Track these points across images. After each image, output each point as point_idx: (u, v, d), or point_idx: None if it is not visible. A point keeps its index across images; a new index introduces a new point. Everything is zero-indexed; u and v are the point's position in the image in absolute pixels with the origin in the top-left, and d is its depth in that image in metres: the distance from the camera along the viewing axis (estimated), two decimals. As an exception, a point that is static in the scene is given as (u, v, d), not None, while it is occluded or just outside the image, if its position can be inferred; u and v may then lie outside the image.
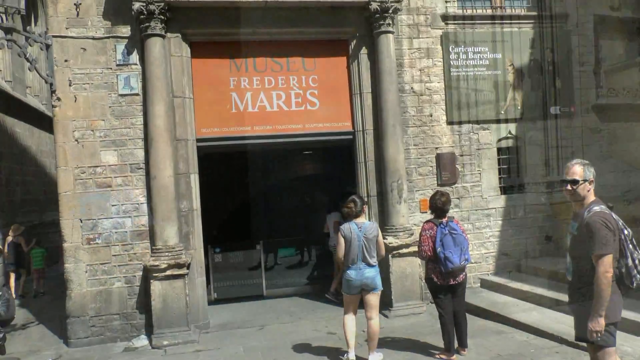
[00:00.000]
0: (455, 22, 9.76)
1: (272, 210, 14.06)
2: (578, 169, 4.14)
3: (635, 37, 10.19)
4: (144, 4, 8.06)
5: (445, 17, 9.67)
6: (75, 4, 8.21)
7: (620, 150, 10.02)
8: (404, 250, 8.86)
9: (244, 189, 13.74)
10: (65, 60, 8.24)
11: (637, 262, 4.11)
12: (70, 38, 8.25)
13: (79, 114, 8.29)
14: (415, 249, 8.82)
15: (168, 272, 8.04)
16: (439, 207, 6.59)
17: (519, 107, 9.94)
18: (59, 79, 8.22)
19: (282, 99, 9.21)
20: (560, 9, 10.25)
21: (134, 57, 8.45)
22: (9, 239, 12.51)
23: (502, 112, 9.85)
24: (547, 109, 10.07)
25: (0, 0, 7.54)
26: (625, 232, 4.11)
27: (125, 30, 8.44)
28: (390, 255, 8.72)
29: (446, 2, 9.70)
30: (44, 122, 16.64)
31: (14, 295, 11.06)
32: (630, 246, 4.10)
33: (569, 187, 4.16)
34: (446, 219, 6.57)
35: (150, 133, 8.23)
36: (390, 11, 8.92)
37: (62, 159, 8.27)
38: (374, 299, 6.51)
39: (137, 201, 8.45)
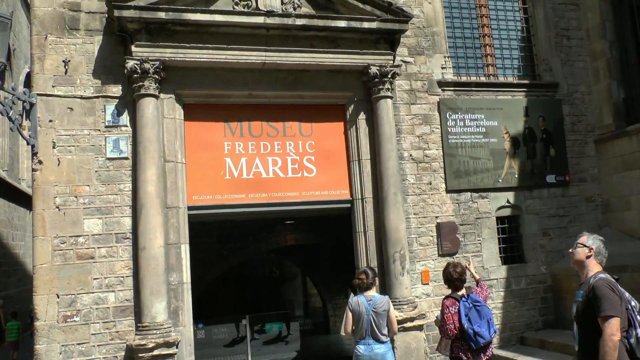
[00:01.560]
0: (451, 88, 9.66)
1: (251, 281, 13.43)
2: (584, 237, 4.42)
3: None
4: (138, 62, 7.65)
5: (441, 84, 9.56)
6: (64, 61, 7.70)
7: (616, 219, 9.91)
8: (409, 324, 8.37)
9: (223, 259, 13.04)
10: (50, 121, 7.63)
11: None
12: (56, 97, 7.68)
13: (62, 178, 7.62)
14: (420, 322, 8.47)
15: (155, 352, 7.28)
16: (454, 279, 6.18)
17: (516, 176, 9.79)
18: (42, 141, 7.58)
19: (278, 165, 8.77)
20: (549, 78, 10.34)
21: (125, 118, 7.93)
22: None
23: (500, 180, 9.67)
24: (544, 178, 9.95)
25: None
26: (633, 303, 4.12)
27: (115, 90, 7.94)
28: (394, 330, 8.20)
29: (442, 68, 9.61)
30: (2, 189, 15.66)
31: None
32: (639, 317, 4.07)
33: (571, 249, 4.44)
34: (465, 291, 6.16)
35: (140, 200, 7.62)
36: (389, 75, 8.78)
37: (39, 227, 7.52)
38: None
39: (122, 274, 7.73)
